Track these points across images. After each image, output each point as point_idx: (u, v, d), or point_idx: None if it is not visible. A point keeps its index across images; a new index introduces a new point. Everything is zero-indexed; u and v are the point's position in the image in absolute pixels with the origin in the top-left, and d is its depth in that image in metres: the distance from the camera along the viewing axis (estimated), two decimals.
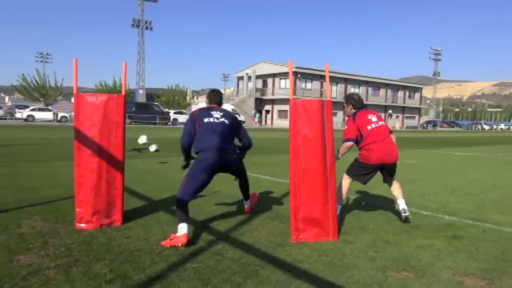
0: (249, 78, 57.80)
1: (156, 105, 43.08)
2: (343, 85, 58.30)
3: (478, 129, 73.05)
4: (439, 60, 78.73)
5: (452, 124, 77.94)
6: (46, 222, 4.01)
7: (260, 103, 57.60)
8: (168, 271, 2.88)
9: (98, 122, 3.95)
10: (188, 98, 59.50)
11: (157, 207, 4.83)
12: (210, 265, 3.02)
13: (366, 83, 61.28)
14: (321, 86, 56.69)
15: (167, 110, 44.45)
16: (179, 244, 3.38)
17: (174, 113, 43.99)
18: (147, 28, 48.09)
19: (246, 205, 4.65)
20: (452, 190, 6.80)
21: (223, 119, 3.95)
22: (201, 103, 49.30)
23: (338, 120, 50.80)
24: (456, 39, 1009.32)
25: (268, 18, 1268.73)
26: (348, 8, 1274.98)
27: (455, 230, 4.23)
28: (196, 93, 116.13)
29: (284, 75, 54.67)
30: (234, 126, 4.03)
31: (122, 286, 2.61)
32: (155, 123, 39.14)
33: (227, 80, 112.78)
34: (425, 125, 68.98)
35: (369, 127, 4.42)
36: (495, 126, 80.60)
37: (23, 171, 7.28)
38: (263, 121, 55.81)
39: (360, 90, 60.76)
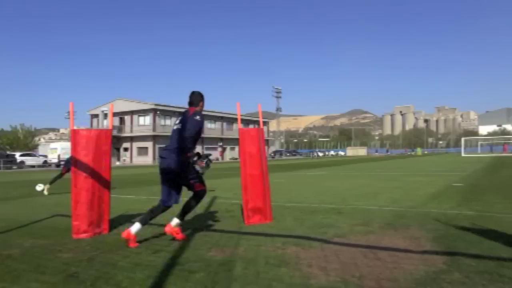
0: (105, 115, 55.77)
1: None
2: None
3: (315, 155, 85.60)
4: (280, 97, 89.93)
5: (294, 153, 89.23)
6: (43, 240, 4.71)
7: (117, 141, 55.94)
8: (187, 241, 4.24)
9: (92, 151, 4.96)
10: (37, 138, 53.60)
11: (124, 218, 5.82)
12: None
13: (221, 119, 65.83)
14: None
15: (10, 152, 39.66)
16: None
17: (21, 155, 39.58)
18: None
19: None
20: (320, 193, 9.38)
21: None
22: (54, 143, 45.31)
23: None
24: (291, 78, 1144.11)
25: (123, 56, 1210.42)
26: (200, 53, 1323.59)
27: (337, 210, 6.54)
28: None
29: (142, 112, 54.76)
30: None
31: (169, 253, 3.89)
32: None
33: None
34: (273, 155, 77.28)
35: None
36: (327, 153, 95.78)
37: None
38: (121, 159, 54.27)
39: (215, 126, 64.93)
